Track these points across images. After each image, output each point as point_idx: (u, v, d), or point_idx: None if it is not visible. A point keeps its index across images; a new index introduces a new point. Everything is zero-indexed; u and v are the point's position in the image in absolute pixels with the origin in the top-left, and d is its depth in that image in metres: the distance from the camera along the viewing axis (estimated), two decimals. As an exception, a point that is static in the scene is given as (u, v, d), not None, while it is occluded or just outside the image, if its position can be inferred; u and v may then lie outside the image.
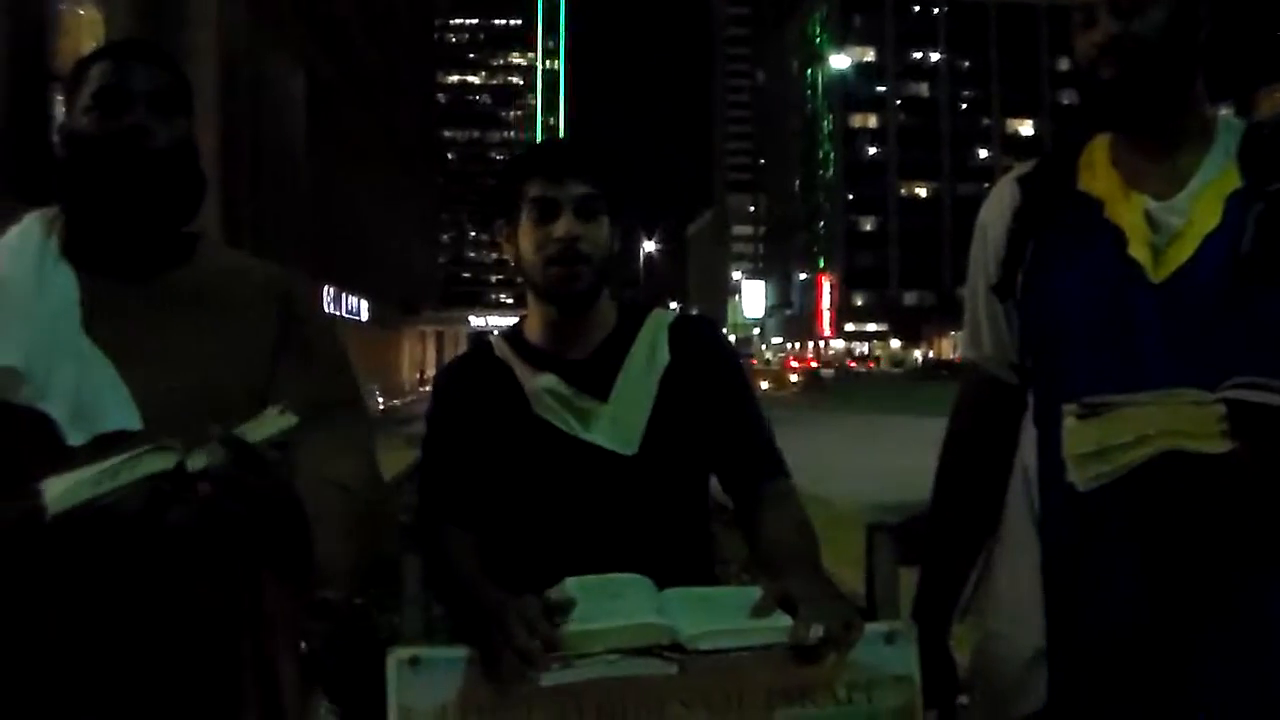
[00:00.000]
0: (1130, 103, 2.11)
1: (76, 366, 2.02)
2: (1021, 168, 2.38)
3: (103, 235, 2.13)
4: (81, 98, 2.14)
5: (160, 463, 1.81)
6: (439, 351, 74.43)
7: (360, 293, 45.78)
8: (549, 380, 2.43)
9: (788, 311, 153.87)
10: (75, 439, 1.95)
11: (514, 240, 2.47)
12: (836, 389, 55.75)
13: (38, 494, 1.80)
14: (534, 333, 2.52)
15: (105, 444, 1.90)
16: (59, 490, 1.80)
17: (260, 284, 2.28)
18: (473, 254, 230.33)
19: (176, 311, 2.15)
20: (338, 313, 39.53)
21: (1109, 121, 2.20)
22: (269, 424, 1.90)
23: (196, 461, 1.82)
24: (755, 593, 2.04)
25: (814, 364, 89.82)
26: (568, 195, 2.39)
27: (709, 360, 2.53)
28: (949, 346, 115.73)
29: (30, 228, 2.17)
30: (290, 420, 1.91)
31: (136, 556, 1.93)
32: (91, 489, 1.79)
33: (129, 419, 1.98)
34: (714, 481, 2.54)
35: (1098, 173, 2.22)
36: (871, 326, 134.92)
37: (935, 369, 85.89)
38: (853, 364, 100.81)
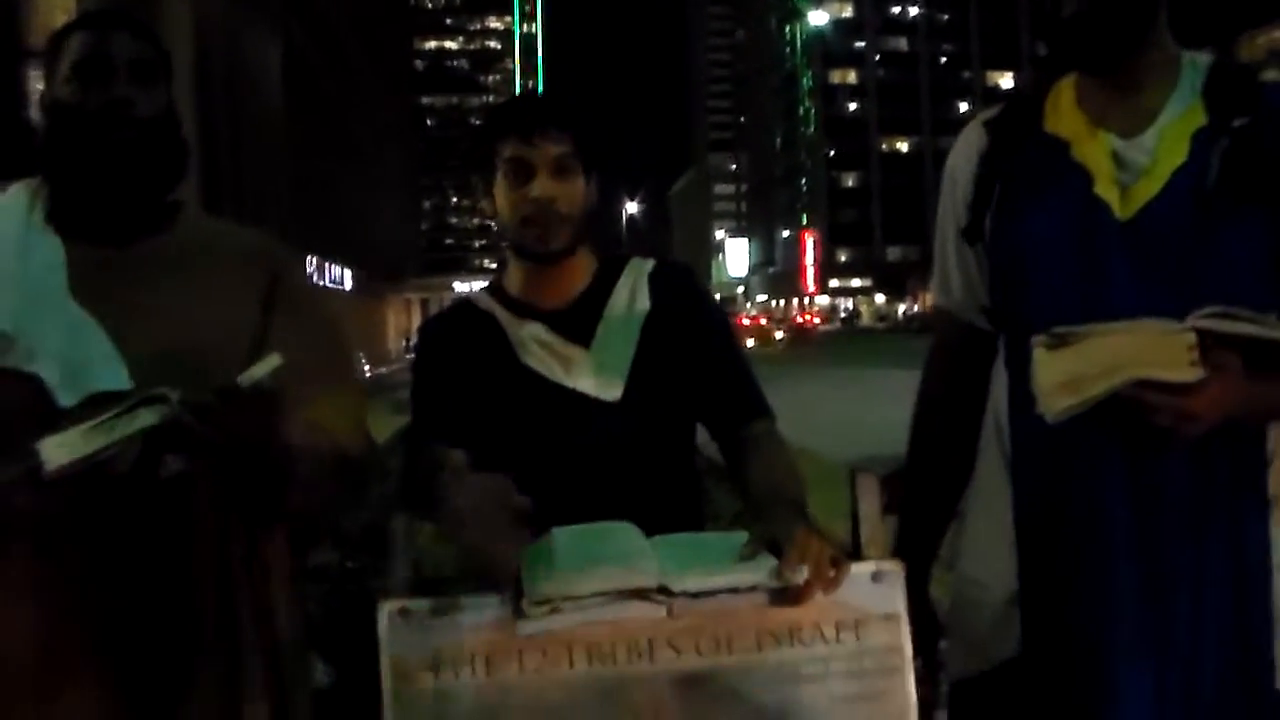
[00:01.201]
0: (1091, 39, 2.10)
1: (64, 329, 2.04)
2: (988, 111, 2.39)
3: (86, 203, 2.15)
4: (61, 68, 2.15)
5: (154, 416, 1.85)
6: (424, 318, 74.25)
7: (343, 261, 45.69)
8: (534, 328, 2.45)
9: (771, 269, 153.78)
10: (67, 400, 1.97)
11: (491, 196, 2.48)
12: (822, 344, 55.77)
13: (35, 453, 1.83)
14: (514, 285, 2.53)
15: (96, 404, 1.92)
16: (56, 448, 1.83)
17: (244, 248, 2.30)
18: (455, 220, 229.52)
19: (161, 275, 2.17)
20: (321, 282, 39.42)
21: (1073, 59, 2.20)
22: (258, 367, 1.94)
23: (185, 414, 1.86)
24: (742, 536, 2.06)
25: (813, 320, 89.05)
26: (542, 156, 2.38)
27: (689, 306, 2.55)
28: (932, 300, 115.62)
29: (13, 197, 2.19)
30: (275, 360, 1.95)
31: (132, 510, 1.97)
32: (88, 445, 1.83)
33: (118, 379, 2.01)
34: (708, 439, 2.55)
35: (1063, 113, 2.22)
36: (856, 282, 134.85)
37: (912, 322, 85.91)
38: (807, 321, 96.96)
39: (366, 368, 41.70)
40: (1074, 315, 2.00)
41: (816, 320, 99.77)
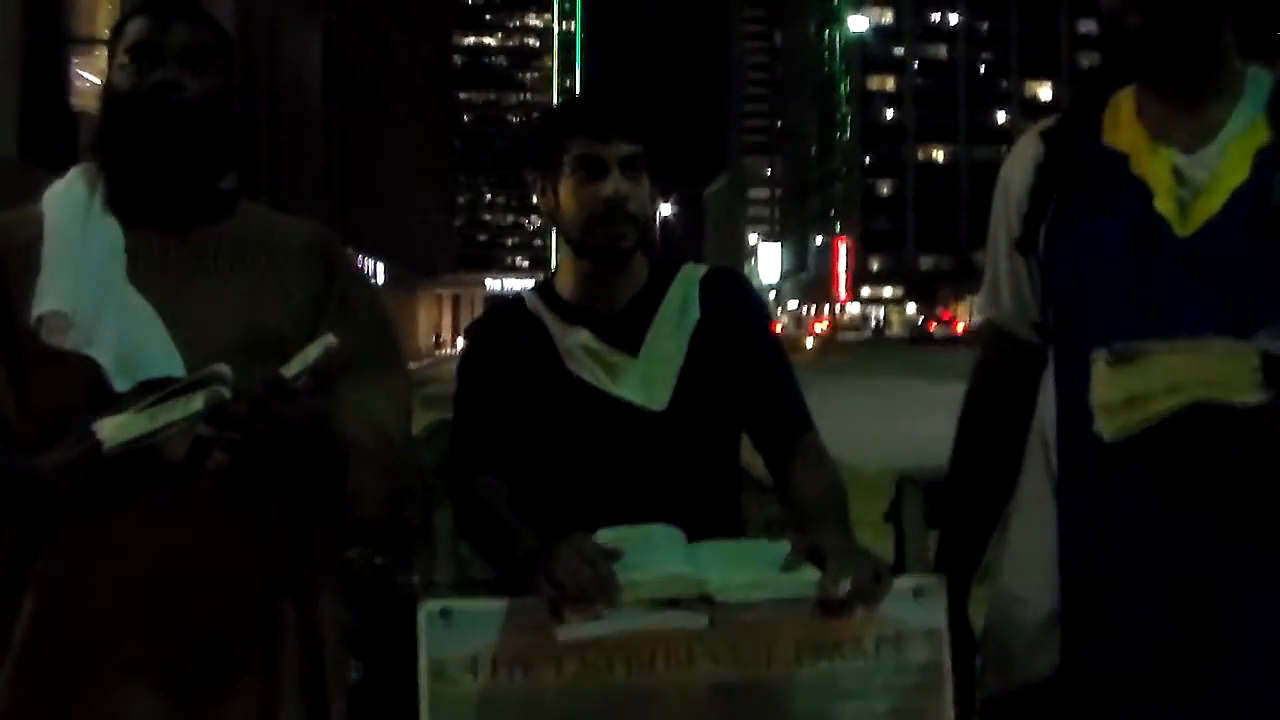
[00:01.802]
0: (1156, 52, 2.07)
1: (121, 314, 2.06)
2: (1045, 122, 2.35)
3: (140, 188, 2.16)
4: (119, 54, 2.18)
5: (210, 397, 1.87)
6: (455, 314, 74.57)
7: (377, 255, 45.80)
8: (581, 335, 2.43)
9: (804, 275, 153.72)
10: (121, 384, 1.99)
11: (550, 195, 2.45)
12: (854, 353, 55.66)
13: (91, 434, 1.86)
14: (566, 287, 2.51)
15: (149, 390, 1.94)
16: (113, 428, 1.87)
17: (300, 239, 2.30)
18: (489, 216, 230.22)
19: (218, 263, 2.18)
20: (354, 274, 39.52)
21: (1135, 71, 2.17)
22: (311, 348, 1.97)
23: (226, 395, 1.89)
24: (784, 547, 2.05)
25: (830, 328, 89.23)
26: (614, 154, 2.37)
27: (740, 316, 2.53)
28: (965, 311, 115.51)
29: (76, 180, 2.20)
30: (330, 340, 1.98)
31: (178, 500, 1.99)
32: (146, 424, 1.86)
33: (173, 365, 2.02)
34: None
35: (1123, 126, 2.19)
36: (888, 291, 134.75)
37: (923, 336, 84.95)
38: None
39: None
40: (1131, 332, 1.98)
41: (827, 327, 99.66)
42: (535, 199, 2.50)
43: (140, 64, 2.14)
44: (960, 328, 78.45)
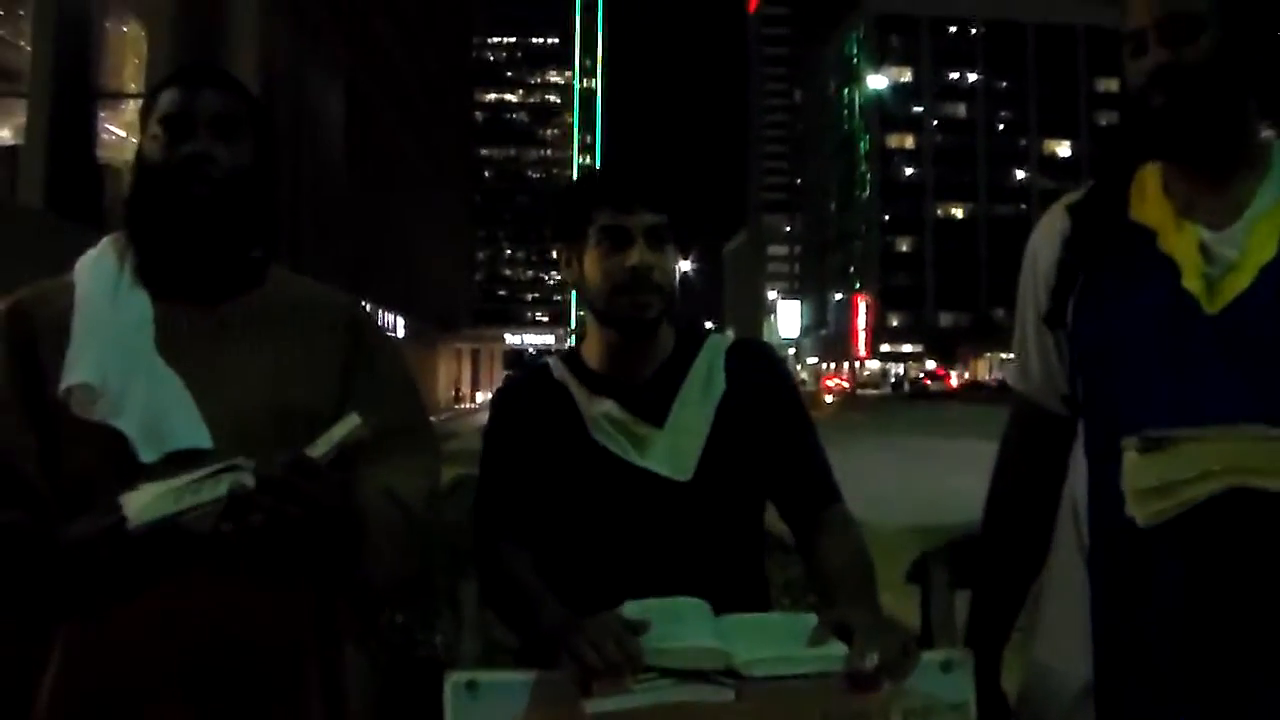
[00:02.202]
0: (1181, 132, 2.08)
1: (149, 385, 2.07)
2: (1071, 195, 2.36)
3: (169, 259, 2.18)
4: (151, 125, 2.20)
5: (232, 484, 1.88)
6: (474, 369, 74.72)
7: (397, 310, 45.90)
8: (607, 405, 2.44)
9: (823, 331, 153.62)
10: (147, 456, 2.01)
11: (576, 265, 2.47)
12: (872, 409, 55.54)
13: (118, 508, 1.88)
14: (593, 356, 2.52)
15: (177, 462, 1.96)
16: (139, 505, 1.89)
17: (329, 310, 2.32)
18: (508, 271, 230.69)
19: (247, 335, 2.20)
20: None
21: (1160, 150, 2.17)
22: (337, 429, 1.99)
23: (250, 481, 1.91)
24: (811, 620, 2.04)
25: (844, 383, 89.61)
26: (639, 224, 2.39)
27: (766, 386, 2.54)
28: (985, 368, 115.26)
29: (106, 250, 2.23)
30: (355, 420, 2.00)
31: (204, 575, 1.99)
32: (173, 504, 1.88)
33: (199, 438, 2.04)
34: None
35: (1149, 202, 2.20)
36: (907, 347, 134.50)
37: (974, 389, 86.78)
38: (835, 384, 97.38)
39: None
40: (1161, 410, 1.99)
41: (845, 384, 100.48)
42: (561, 270, 2.52)
43: (172, 135, 2.17)
44: (953, 382, 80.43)
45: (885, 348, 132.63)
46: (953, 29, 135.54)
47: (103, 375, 2.05)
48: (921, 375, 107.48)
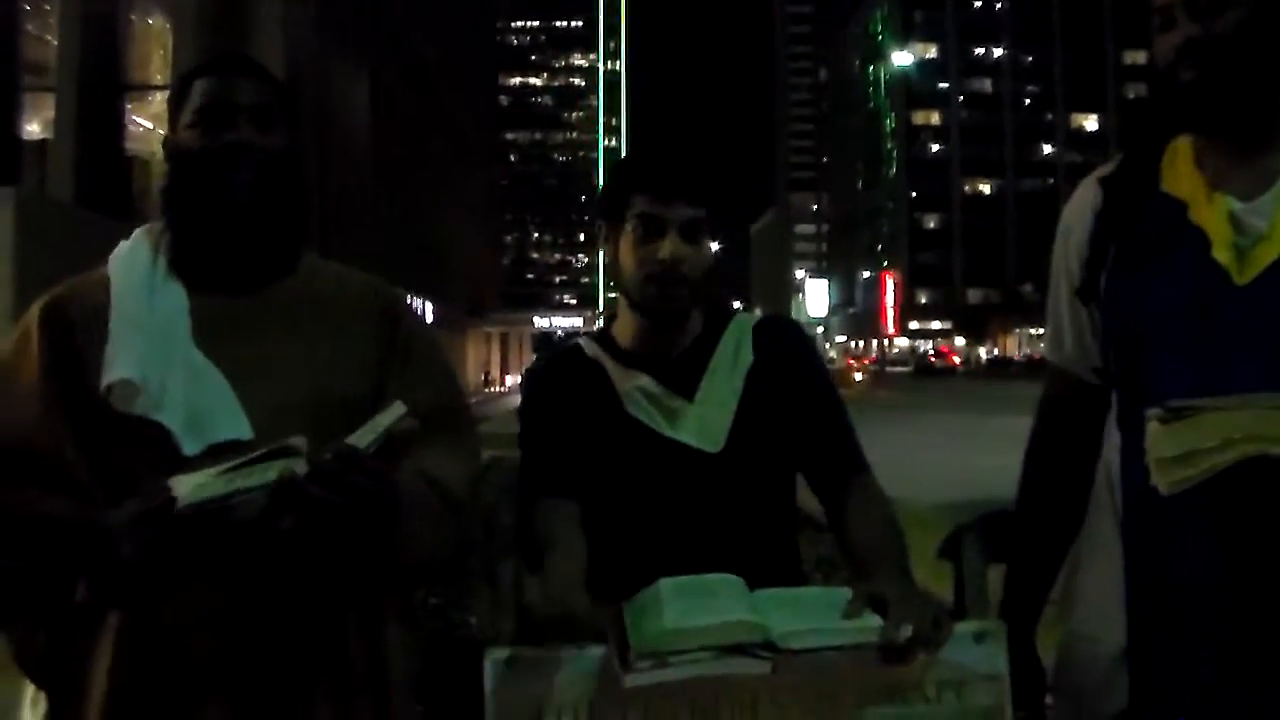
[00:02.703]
0: (1211, 105, 2.08)
1: (188, 378, 2.09)
2: (1103, 168, 2.36)
3: (208, 250, 2.19)
4: (185, 114, 2.21)
5: (287, 466, 1.89)
6: (504, 353, 74.78)
7: (425, 295, 45.91)
8: (642, 379, 2.47)
9: (851, 310, 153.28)
10: (190, 448, 2.03)
11: (612, 245, 2.49)
12: (902, 387, 55.40)
13: (167, 489, 1.89)
14: (624, 336, 2.55)
15: (218, 454, 1.98)
16: (189, 487, 1.90)
17: (364, 296, 2.34)
18: (536, 255, 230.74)
19: (284, 324, 2.21)
20: (404, 315, 39.62)
21: (1190, 124, 2.17)
22: (382, 417, 1.99)
23: (300, 468, 1.91)
24: (845, 593, 2.05)
25: (865, 361, 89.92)
26: (675, 216, 2.40)
27: (792, 360, 2.56)
28: (1014, 344, 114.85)
29: (140, 242, 2.24)
30: (401, 409, 2.01)
31: (249, 554, 2.01)
32: (224, 487, 1.88)
33: (240, 429, 2.05)
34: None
35: (1180, 174, 2.20)
36: (936, 324, 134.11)
37: (1003, 365, 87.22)
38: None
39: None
40: (1190, 381, 1.99)
41: (867, 363, 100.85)
42: (599, 244, 2.54)
43: (209, 124, 2.17)
44: (956, 360, 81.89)
45: (914, 325, 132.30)
46: (978, 3, 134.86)
47: (143, 370, 2.06)
48: (929, 354, 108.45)
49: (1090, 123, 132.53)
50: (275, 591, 2.06)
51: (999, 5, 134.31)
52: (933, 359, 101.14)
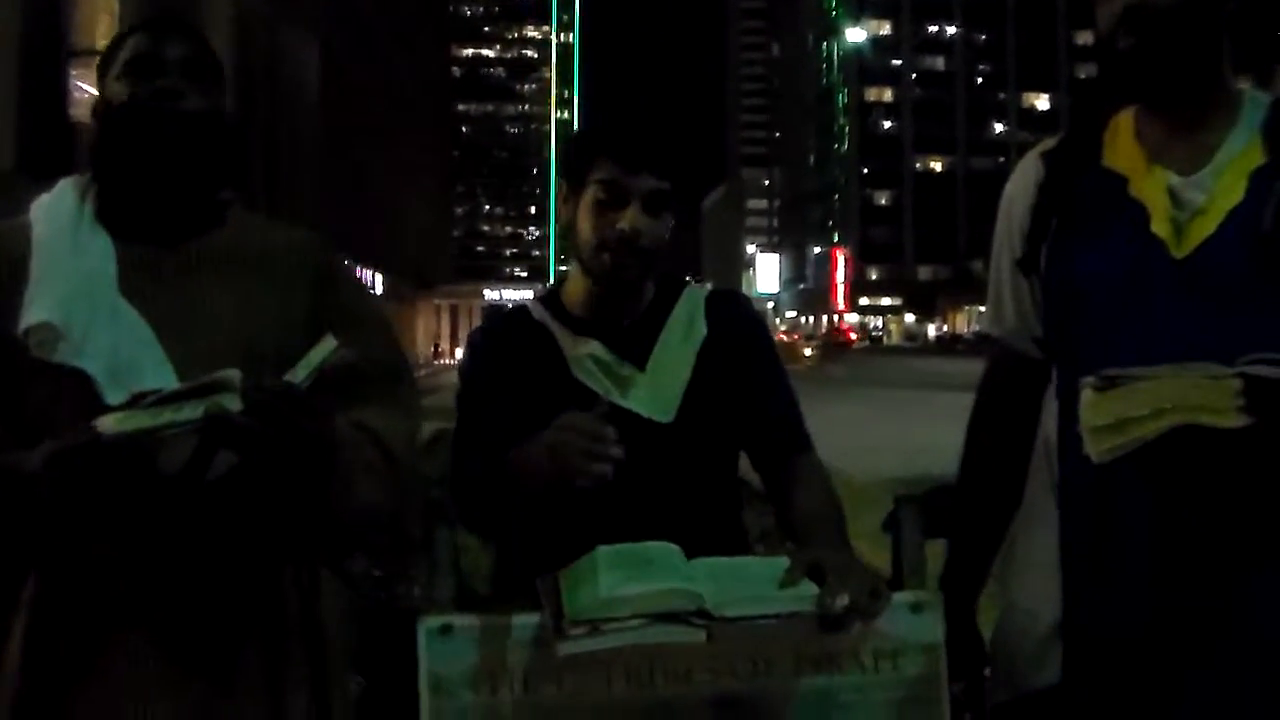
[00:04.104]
0: (1148, 74, 2.10)
1: (112, 326, 2.05)
2: (1047, 142, 2.37)
3: (135, 200, 2.16)
4: (115, 67, 2.18)
5: (216, 402, 1.83)
6: (454, 324, 74.65)
7: (374, 266, 45.82)
8: (592, 345, 2.44)
9: (802, 285, 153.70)
10: (113, 397, 1.96)
11: (572, 206, 2.46)
12: (850, 363, 55.65)
13: (91, 427, 1.83)
14: (573, 301, 2.52)
15: (145, 399, 1.92)
16: (114, 420, 1.83)
17: (294, 249, 2.30)
18: (486, 227, 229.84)
19: (210, 275, 2.17)
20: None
21: (1128, 92, 2.19)
22: (315, 352, 1.94)
23: (233, 403, 1.84)
24: (783, 562, 2.06)
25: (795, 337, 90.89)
26: (639, 187, 2.37)
27: (744, 335, 2.55)
28: (963, 321, 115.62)
29: (65, 192, 2.20)
30: (332, 343, 1.95)
31: (179, 513, 1.98)
32: (149, 420, 1.82)
33: (165, 378, 2.00)
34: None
35: (1121, 148, 2.21)
36: (886, 301, 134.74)
37: (951, 342, 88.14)
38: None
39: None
40: (1127, 352, 2.01)
41: (842, 334, 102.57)
42: (558, 206, 2.51)
43: (139, 75, 2.15)
44: (852, 336, 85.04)
45: (864, 301, 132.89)
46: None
47: (64, 316, 2.02)
48: (834, 330, 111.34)
49: (1042, 102, 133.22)
50: (204, 533, 2.02)
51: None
52: (835, 335, 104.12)
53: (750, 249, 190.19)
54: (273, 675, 2.10)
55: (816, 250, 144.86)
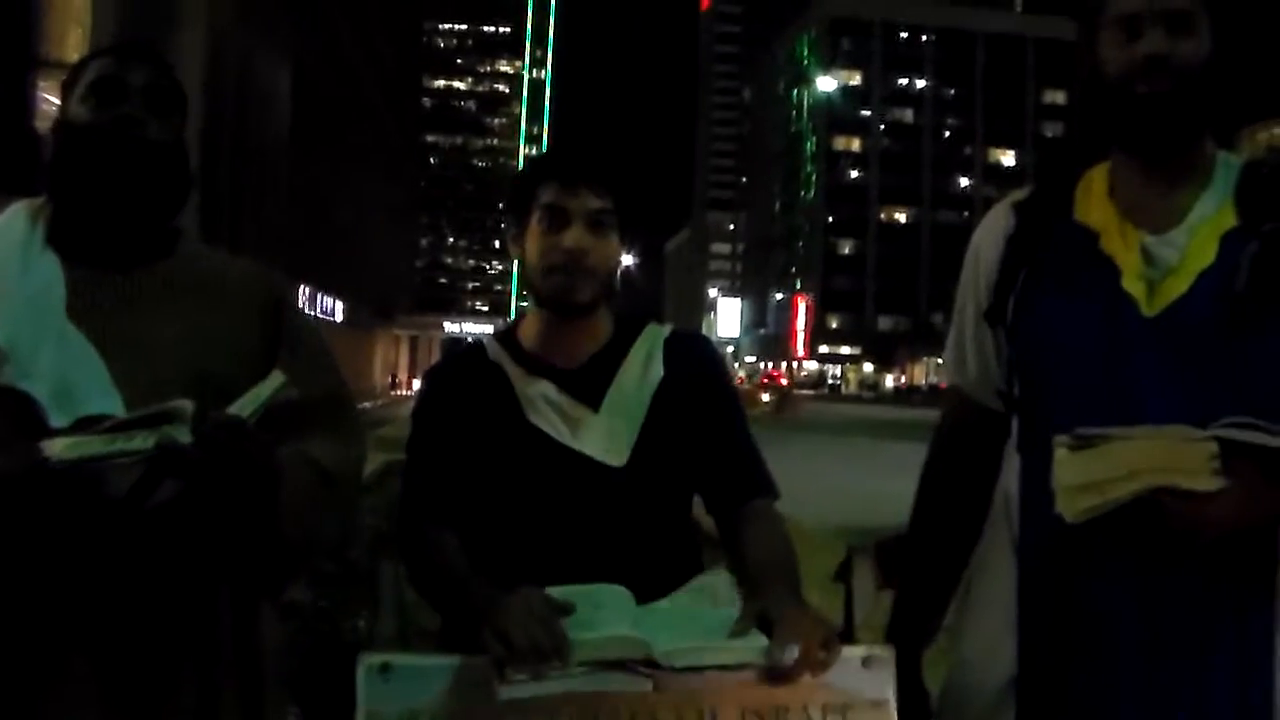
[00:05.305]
0: (1166, 122, 2.09)
1: (59, 349, 2.04)
2: (1017, 194, 2.37)
3: (87, 225, 2.15)
4: (78, 89, 2.18)
5: (167, 433, 1.84)
6: (412, 355, 74.53)
7: (335, 293, 45.66)
8: (543, 386, 2.41)
9: (762, 331, 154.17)
10: (58, 420, 1.96)
11: (521, 243, 2.44)
12: (808, 410, 55.81)
13: (37, 449, 1.83)
14: (529, 338, 2.49)
15: (88, 427, 1.91)
16: (63, 446, 1.83)
17: (242, 279, 2.31)
18: (450, 260, 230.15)
19: (159, 302, 2.18)
20: (312, 312, 39.38)
21: (1136, 139, 2.16)
22: (263, 387, 1.97)
23: (183, 435, 1.86)
24: (733, 612, 2.02)
25: (780, 380, 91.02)
26: (580, 206, 2.36)
27: (703, 378, 2.51)
28: (921, 372, 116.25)
29: (15, 214, 2.20)
30: (280, 378, 1.99)
31: (120, 534, 1.96)
32: (103, 447, 1.83)
33: (111, 403, 2.00)
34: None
35: (1094, 203, 2.21)
36: (846, 349, 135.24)
37: (908, 394, 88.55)
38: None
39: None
40: (1097, 409, 2.00)
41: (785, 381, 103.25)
42: (509, 247, 2.49)
43: (101, 100, 2.15)
44: (783, 382, 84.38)
45: (824, 349, 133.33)
46: (904, 34, 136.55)
47: (11, 338, 2.01)
48: (763, 377, 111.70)
49: (1008, 158, 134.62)
50: (144, 557, 2.00)
51: (924, 37, 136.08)
52: (767, 380, 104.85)
53: (712, 292, 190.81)
54: (205, 701, 2.08)
55: (778, 296, 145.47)
